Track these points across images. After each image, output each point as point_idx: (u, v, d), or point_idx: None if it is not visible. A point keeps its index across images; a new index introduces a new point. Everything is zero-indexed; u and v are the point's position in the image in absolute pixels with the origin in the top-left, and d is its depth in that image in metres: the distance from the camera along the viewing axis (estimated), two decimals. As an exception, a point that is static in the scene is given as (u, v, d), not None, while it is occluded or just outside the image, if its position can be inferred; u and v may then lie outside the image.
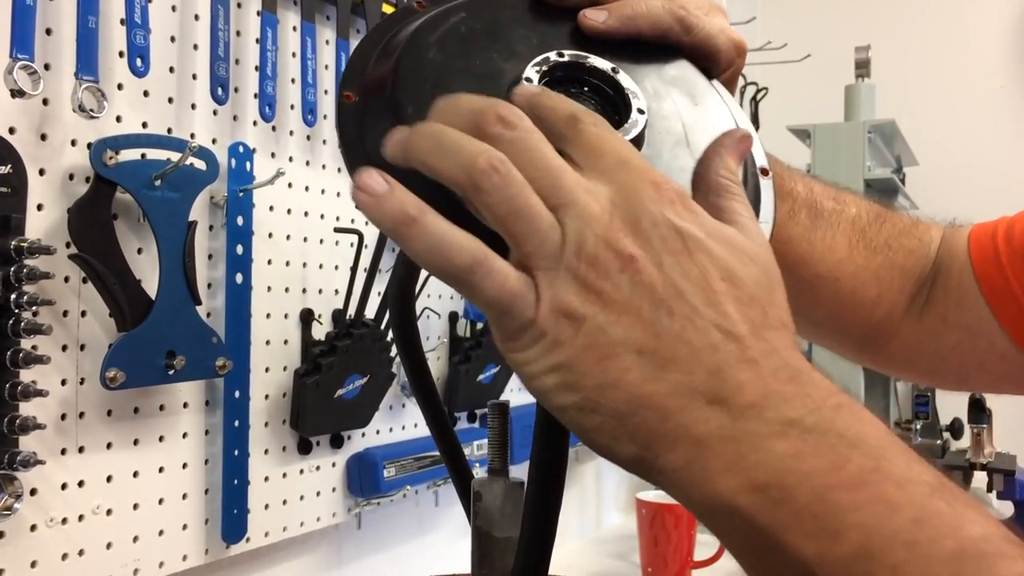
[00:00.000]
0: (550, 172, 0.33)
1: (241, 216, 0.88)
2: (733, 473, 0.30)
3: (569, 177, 0.33)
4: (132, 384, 0.75)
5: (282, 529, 0.95)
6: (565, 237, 0.32)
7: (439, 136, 0.34)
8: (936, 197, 2.29)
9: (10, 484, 0.68)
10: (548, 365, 0.32)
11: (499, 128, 0.34)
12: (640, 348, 0.31)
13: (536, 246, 0.33)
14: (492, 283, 0.32)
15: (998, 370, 0.63)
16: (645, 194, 0.33)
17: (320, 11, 1.00)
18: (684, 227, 0.33)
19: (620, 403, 0.31)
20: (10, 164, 0.68)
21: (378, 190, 0.33)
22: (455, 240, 0.33)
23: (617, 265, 0.32)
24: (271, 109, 0.91)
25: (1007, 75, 2.42)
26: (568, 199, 0.33)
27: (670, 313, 0.32)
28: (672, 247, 0.33)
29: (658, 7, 0.44)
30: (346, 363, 0.98)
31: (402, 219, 0.33)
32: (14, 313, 0.67)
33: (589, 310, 0.32)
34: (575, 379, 0.32)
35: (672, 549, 1.32)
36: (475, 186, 0.33)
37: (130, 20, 0.76)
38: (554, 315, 0.32)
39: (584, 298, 0.32)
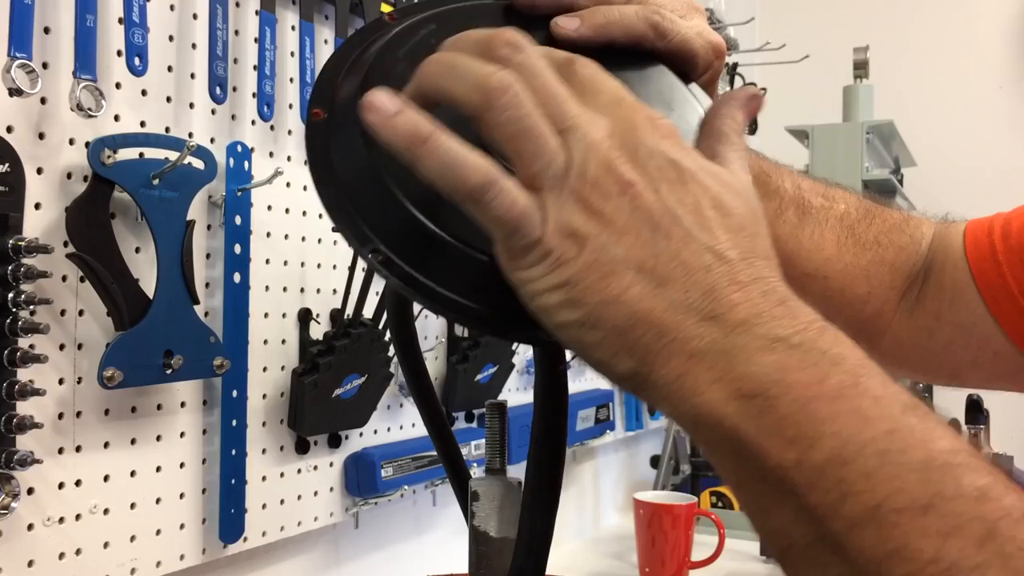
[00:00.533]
0: (556, 96, 0.34)
1: (239, 215, 0.88)
2: (722, 384, 0.32)
3: (573, 103, 0.35)
4: (130, 383, 0.75)
5: (280, 529, 0.95)
6: (570, 159, 0.34)
7: (451, 60, 0.35)
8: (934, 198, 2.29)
9: (7, 483, 0.68)
10: (552, 283, 0.33)
11: (507, 51, 0.35)
12: (639, 266, 0.33)
13: (543, 166, 0.34)
14: (503, 202, 0.33)
15: (991, 367, 0.63)
16: (642, 127, 0.35)
17: (319, 10, 0.99)
18: (678, 158, 0.35)
19: (620, 319, 0.33)
20: (8, 163, 0.67)
21: (390, 108, 0.34)
22: (468, 158, 0.33)
23: (617, 189, 0.33)
24: (269, 108, 0.91)
25: (1005, 76, 2.42)
26: (572, 123, 0.34)
27: (667, 235, 0.33)
28: (667, 176, 0.34)
29: (631, 14, 0.44)
30: (344, 363, 0.98)
31: (415, 137, 0.33)
32: (12, 312, 0.67)
33: (592, 229, 0.33)
34: (578, 295, 0.33)
35: (669, 549, 1.32)
36: (487, 104, 0.33)
37: (128, 19, 0.76)
38: (559, 234, 0.33)
39: (587, 218, 0.33)
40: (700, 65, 0.47)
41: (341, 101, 0.41)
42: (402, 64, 0.41)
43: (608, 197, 0.33)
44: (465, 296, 0.36)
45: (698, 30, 0.46)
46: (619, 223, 0.33)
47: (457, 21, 0.44)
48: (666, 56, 0.46)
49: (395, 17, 0.45)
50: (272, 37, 0.91)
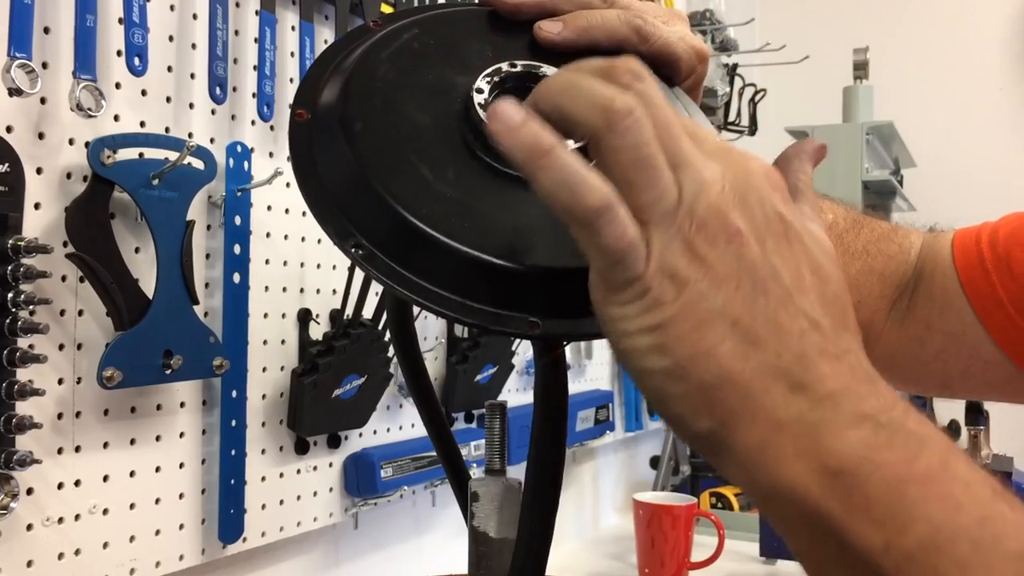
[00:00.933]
0: (674, 130, 0.33)
1: (239, 216, 0.88)
2: (808, 458, 0.30)
3: (688, 141, 0.34)
4: (129, 383, 0.75)
5: (279, 529, 0.95)
6: (682, 197, 0.32)
7: (573, 78, 0.34)
8: (934, 199, 2.29)
9: (6, 483, 0.68)
10: (645, 325, 0.32)
11: (629, 78, 0.34)
12: (735, 321, 0.32)
13: (655, 199, 0.32)
14: (614, 230, 0.32)
15: (981, 376, 0.63)
16: (754, 175, 0.34)
17: (319, 11, 0.99)
18: (785, 213, 0.34)
19: (708, 375, 0.31)
20: (7, 163, 0.67)
21: (515, 118, 0.32)
22: (589, 178, 0.32)
23: (725, 236, 0.32)
24: (269, 108, 0.91)
25: (1005, 77, 2.42)
26: (687, 160, 0.33)
27: (766, 292, 0.32)
28: (774, 230, 0.33)
29: (613, 18, 0.44)
30: (343, 363, 0.98)
31: (537, 149, 0.32)
32: (11, 312, 0.67)
33: (693, 274, 0.32)
34: (669, 343, 0.32)
35: (669, 550, 1.32)
36: (608, 126, 0.32)
37: (128, 19, 0.76)
38: (660, 273, 0.32)
39: (690, 261, 0.32)
40: (683, 69, 0.47)
41: (324, 102, 0.41)
42: (385, 66, 0.41)
43: (714, 243, 0.32)
44: (448, 290, 0.36)
45: (680, 35, 0.47)
46: (721, 272, 0.32)
47: (441, 26, 0.45)
48: (649, 60, 0.45)
49: (379, 23, 0.46)
50: (272, 37, 0.91)
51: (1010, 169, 2.36)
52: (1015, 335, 0.60)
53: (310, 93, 0.42)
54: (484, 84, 0.40)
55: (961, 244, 0.64)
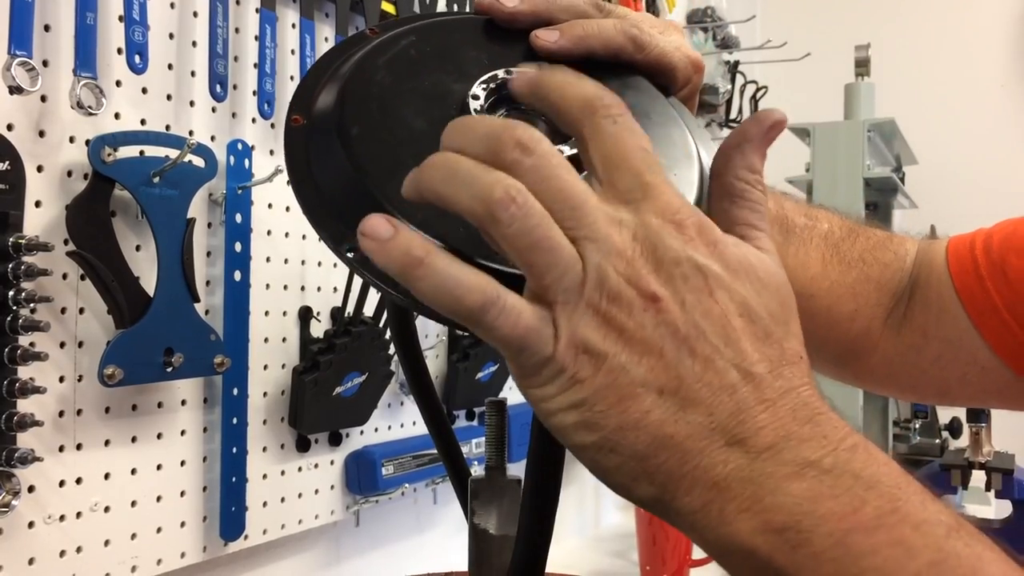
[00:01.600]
0: (572, 201, 0.32)
1: (240, 213, 0.88)
2: (750, 515, 0.30)
3: (591, 205, 0.32)
4: (130, 381, 0.75)
5: (280, 527, 0.95)
6: (586, 271, 0.31)
7: (453, 165, 0.33)
8: (936, 196, 2.29)
9: (8, 481, 0.68)
10: (567, 403, 0.32)
11: (516, 154, 0.32)
12: (661, 389, 0.31)
13: (555, 279, 0.31)
14: (506, 321, 0.31)
15: (979, 383, 0.63)
16: (667, 230, 0.32)
17: (319, 8, 0.99)
18: (705, 264, 0.32)
19: (640, 445, 0.31)
20: (8, 161, 0.67)
21: (383, 234, 0.32)
22: (464, 279, 0.32)
23: (640, 304, 0.31)
24: (270, 106, 0.91)
25: (1007, 74, 2.42)
26: (590, 231, 0.32)
27: (691, 353, 0.31)
28: (694, 285, 0.32)
29: (609, 27, 0.44)
30: (344, 361, 0.98)
31: (408, 261, 0.32)
32: (12, 310, 0.67)
33: (611, 348, 0.31)
34: (595, 418, 0.31)
35: (670, 547, 1.32)
36: (492, 217, 0.31)
37: (128, 17, 0.76)
38: (573, 351, 0.31)
39: (605, 335, 0.31)
40: (679, 78, 0.47)
41: (320, 107, 0.41)
42: (381, 72, 0.41)
43: (630, 312, 0.31)
44: None
45: (676, 45, 0.46)
46: (641, 340, 0.31)
47: (438, 34, 0.45)
48: (645, 69, 0.45)
49: (376, 31, 0.46)
50: (272, 35, 0.91)
51: (1012, 166, 2.36)
52: (1011, 341, 0.60)
53: (306, 99, 0.42)
54: (480, 90, 0.40)
55: (955, 251, 0.64)
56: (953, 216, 2.31)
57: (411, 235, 0.32)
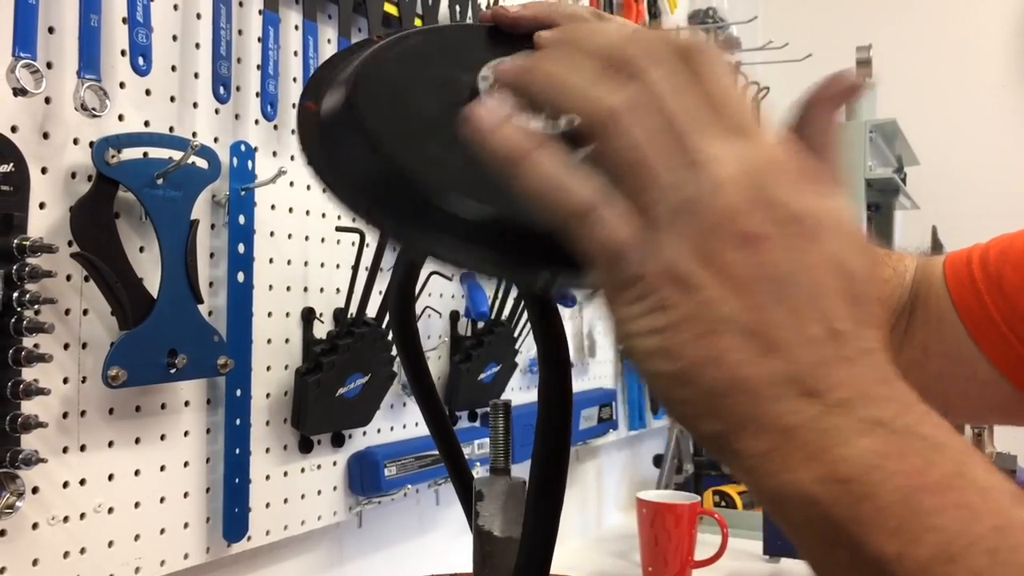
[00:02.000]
0: (683, 126, 0.32)
1: (243, 215, 0.88)
2: (816, 464, 0.30)
3: (701, 136, 0.32)
4: (134, 382, 0.75)
5: (283, 528, 0.95)
6: (692, 197, 0.31)
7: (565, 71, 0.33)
8: (937, 196, 2.29)
9: (12, 482, 0.68)
10: (650, 326, 0.31)
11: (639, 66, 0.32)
12: (746, 330, 0.30)
13: (657, 199, 0.31)
14: (600, 231, 0.31)
15: (980, 398, 0.63)
16: (775, 168, 0.32)
17: (322, 10, 1.00)
18: (810, 212, 0.31)
19: (716, 382, 0.31)
20: (12, 162, 0.68)
21: (489, 121, 0.32)
22: (568, 180, 0.31)
23: (739, 240, 0.30)
24: (273, 108, 0.91)
25: (1008, 74, 2.42)
26: (699, 158, 0.31)
27: (782, 299, 0.31)
28: (795, 231, 0.31)
29: (612, 31, 0.45)
30: (347, 362, 0.98)
31: (518, 150, 0.31)
32: (16, 311, 0.67)
33: (703, 280, 0.30)
34: (675, 347, 0.31)
35: (673, 548, 1.32)
36: (602, 124, 0.31)
37: (132, 19, 0.76)
38: (665, 276, 0.31)
39: (700, 266, 0.30)
40: None
41: (333, 92, 0.42)
42: (392, 64, 0.42)
43: (728, 247, 0.30)
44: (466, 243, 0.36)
45: None
46: (734, 277, 0.30)
47: (444, 36, 0.46)
48: None
49: (383, 37, 0.47)
50: (275, 36, 0.91)
51: (1013, 167, 2.35)
52: (1010, 354, 0.60)
53: (318, 88, 0.43)
54: (489, 72, 0.40)
55: (952, 266, 0.64)
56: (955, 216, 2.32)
57: (520, 126, 0.32)
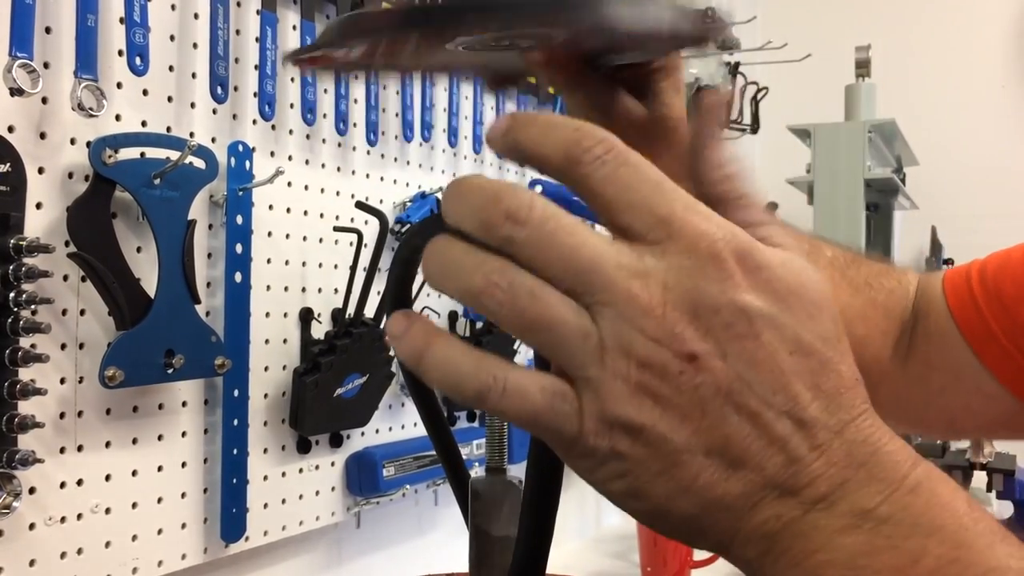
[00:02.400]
0: (579, 265, 0.29)
1: (240, 215, 0.88)
2: (801, 571, 0.29)
3: (606, 264, 0.29)
4: (131, 383, 0.75)
5: (281, 528, 0.95)
6: (604, 341, 0.29)
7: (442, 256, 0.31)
8: (936, 197, 2.29)
9: (9, 483, 0.68)
10: (610, 474, 0.30)
11: (508, 229, 0.29)
12: (708, 450, 0.29)
13: (568, 357, 0.29)
14: (511, 403, 0.30)
15: (984, 412, 0.63)
16: (702, 271, 0.29)
17: (320, 10, 0.99)
18: (749, 305, 0.29)
19: (692, 508, 0.30)
20: (9, 162, 0.68)
21: (397, 330, 0.31)
22: (460, 367, 0.30)
23: (676, 366, 0.29)
24: (270, 108, 0.91)
25: (1008, 74, 2.42)
26: (606, 295, 0.29)
27: (737, 409, 0.29)
28: (737, 332, 0.29)
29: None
30: (345, 362, 0.98)
31: (413, 355, 0.31)
32: (13, 311, 0.67)
33: (647, 418, 0.29)
34: (642, 487, 0.30)
35: (671, 549, 1.32)
36: (483, 307, 0.30)
37: (129, 19, 0.76)
38: (605, 427, 0.29)
39: (640, 405, 0.29)
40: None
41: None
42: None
43: (664, 377, 0.29)
44: None
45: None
46: (679, 406, 0.29)
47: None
48: None
49: None
50: (273, 36, 0.91)
51: (1012, 167, 2.35)
52: (1011, 367, 0.60)
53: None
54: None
55: (952, 282, 0.64)
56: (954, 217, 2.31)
57: (421, 326, 0.31)
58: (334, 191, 1.03)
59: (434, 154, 1.21)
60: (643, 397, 0.29)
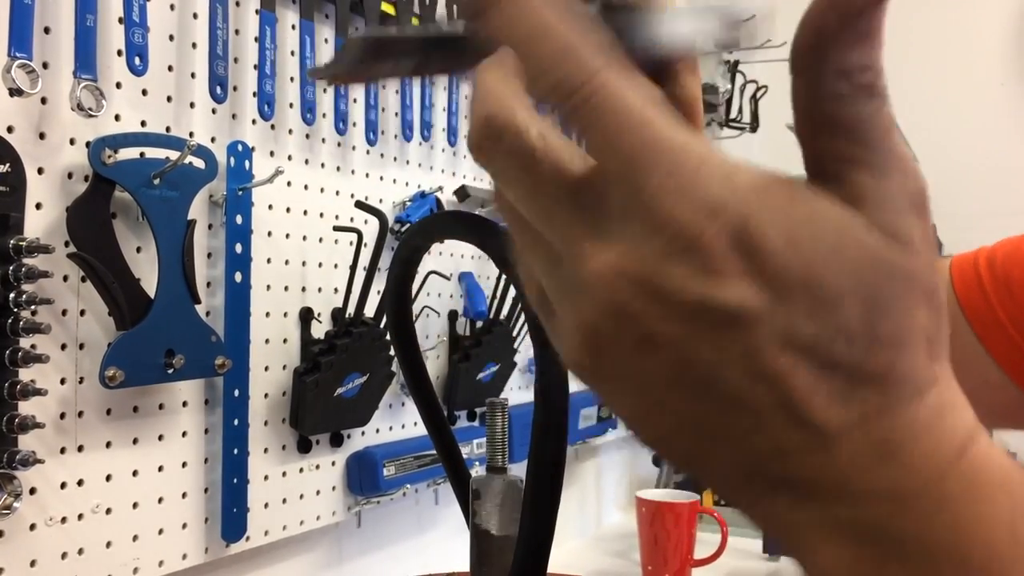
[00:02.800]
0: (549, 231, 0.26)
1: (240, 215, 0.88)
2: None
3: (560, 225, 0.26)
4: (131, 383, 0.75)
5: (282, 528, 0.95)
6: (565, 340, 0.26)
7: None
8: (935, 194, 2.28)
9: (9, 483, 0.68)
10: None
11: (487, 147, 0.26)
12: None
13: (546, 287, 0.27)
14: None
15: (991, 402, 0.62)
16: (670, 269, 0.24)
17: (319, 9, 0.99)
18: (727, 306, 0.23)
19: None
20: (8, 163, 0.67)
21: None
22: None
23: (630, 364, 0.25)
24: (270, 107, 0.91)
25: (1007, 73, 2.42)
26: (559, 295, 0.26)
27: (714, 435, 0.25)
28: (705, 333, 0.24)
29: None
30: (345, 362, 0.98)
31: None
32: (13, 312, 0.67)
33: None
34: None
35: (672, 547, 1.32)
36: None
37: (128, 18, 0.76)
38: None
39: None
40: None
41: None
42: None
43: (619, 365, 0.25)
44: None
45: None
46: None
47: None
48: None
49: None
50: (272, 36, 0.91)
51: (1012, 165, 2.35)
52: (1017, 356, 0.60)
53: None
54: None
55: (959, 268, 0.64)
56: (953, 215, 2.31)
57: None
58: (334, 190, 1.03)
59: (434, 153, 1.21)
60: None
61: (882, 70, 0.25)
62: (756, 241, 0.24)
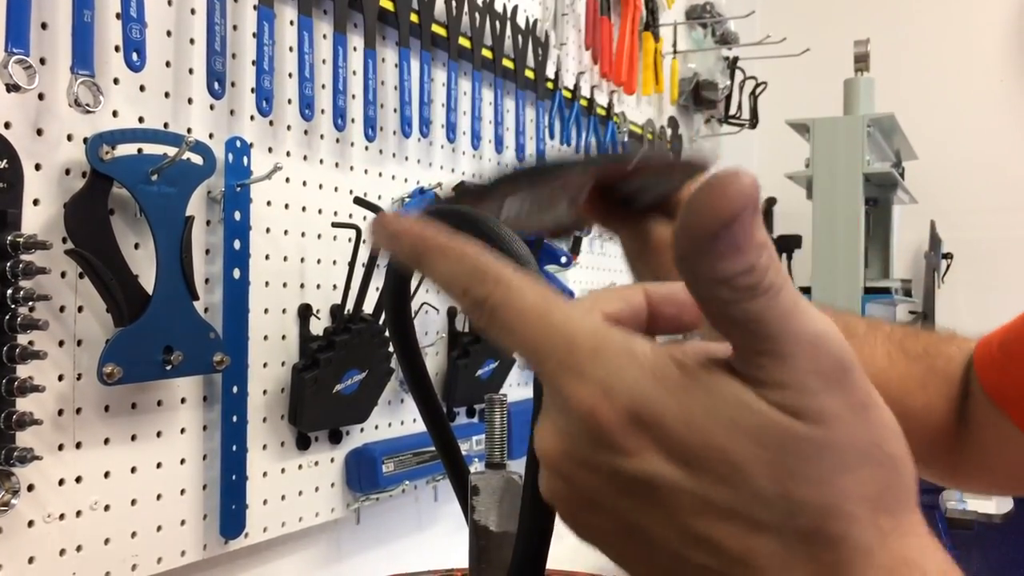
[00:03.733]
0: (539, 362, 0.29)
1: (238, 211, 0.88)
2: None
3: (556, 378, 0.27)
4: (129, 379, 0.75)
5: (281, 525, 0.95)
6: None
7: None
8: (935, 191, 2.29)
9: (7, 480, 0.68)
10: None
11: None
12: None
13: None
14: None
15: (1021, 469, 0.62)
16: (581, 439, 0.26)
17: (317, 5, 0.99)
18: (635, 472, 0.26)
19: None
20: (6, 159, 0.67)
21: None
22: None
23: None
24: (268, 104, 0.91)
25: (1006, 69, 2.42)
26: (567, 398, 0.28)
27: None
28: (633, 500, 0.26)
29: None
30: (344, 358, 0.98)
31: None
32: (11, 309, 0.67)
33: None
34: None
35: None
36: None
37: (126, 14, 0.76)
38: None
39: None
40: None
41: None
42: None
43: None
44: None
45: None
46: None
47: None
48: None
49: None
50: (270, 32, 0.91)
51: (1011, 161, 2.35)
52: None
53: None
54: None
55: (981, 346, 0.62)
56: (953, 211, 2.31)
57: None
58: (332, 187, 1.03)
59: (432, 150, 1.20)
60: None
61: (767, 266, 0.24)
62: (653, 418, 0.25)
